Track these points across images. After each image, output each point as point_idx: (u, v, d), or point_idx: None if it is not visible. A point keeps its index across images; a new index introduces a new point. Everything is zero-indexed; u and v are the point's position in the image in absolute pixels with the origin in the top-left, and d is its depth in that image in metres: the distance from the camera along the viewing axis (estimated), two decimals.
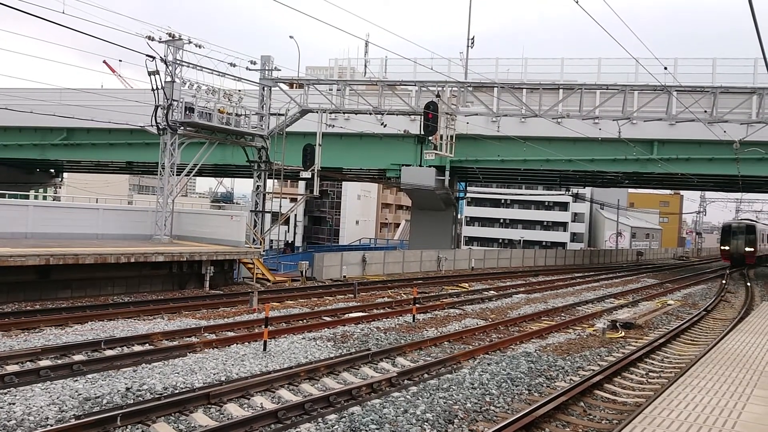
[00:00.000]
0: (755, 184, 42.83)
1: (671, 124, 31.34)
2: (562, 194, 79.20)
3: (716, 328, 19.30)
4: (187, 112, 24.59)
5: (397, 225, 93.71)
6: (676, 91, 26.14)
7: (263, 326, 13.65)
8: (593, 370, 12.84)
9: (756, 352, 12.26)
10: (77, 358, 11.87)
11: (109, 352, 12.47)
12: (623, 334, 17.40)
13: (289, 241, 68.27)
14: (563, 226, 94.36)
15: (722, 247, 60.18)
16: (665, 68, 24.06)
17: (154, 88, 23.91)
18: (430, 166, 36.21)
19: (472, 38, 37.74)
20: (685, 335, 17.80)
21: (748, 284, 35.34)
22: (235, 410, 9.33)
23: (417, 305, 18.78)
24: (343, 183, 77.07)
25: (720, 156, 33.76)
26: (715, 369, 10.58)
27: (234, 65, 25.87)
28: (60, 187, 64.20)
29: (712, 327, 19.70)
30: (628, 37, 18.44)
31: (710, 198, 77.95)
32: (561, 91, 28.62)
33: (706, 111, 25.73)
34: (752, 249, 57.46)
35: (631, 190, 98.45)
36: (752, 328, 15.41)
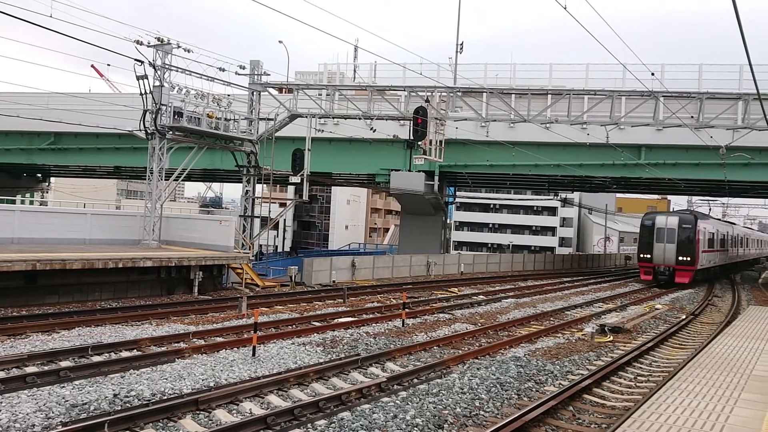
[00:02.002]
0: (741, 189, 43.23)
1: (658, 129, 31.59)
2: (551, 199, 79.61)
3: (704, 332, 19.43)
4: (176, 117, 24.50)
5: (387, 230, 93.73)
6: (663, 96, 26.36)
7: (252, 331, 13.60)
8: (582, 374, 12.88)
9: (743, 355, 12.36)
10: (64, 364, 11.76)
11: (96, 358, 12.37)
12: (612, 338, 17.48)
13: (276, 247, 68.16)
14: (552, 230, 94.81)
15: (641, 255, 36.94)
16: (652, 74, 24.27)
17: (143, 92, 23.83)
18: (419, 171, 36.27)
19: (461, 44, 37.88)
20: (673, 339, 17.91)
21: (735, 288, 35.61)
22: (224, 416, 9.28)
23: (406, 310, 18.77)
24: (333, 188, 77.02)
25: (706, 161, 34.05)
26: (703, 373, 10.65)
27: (223, 70, 25.84)
28: (47, 192, 63.80)
29: (700, 331, 19.83)
30: (615, 44, 18.62)
31: (697, 203, 78.48)
32: (549, 96, 28.79)
33: (692, 116, 25.96)
34: (688, 258, 34.85)
35: (619, 195, 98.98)
36: (739, 332, 15.52)
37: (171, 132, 24.83)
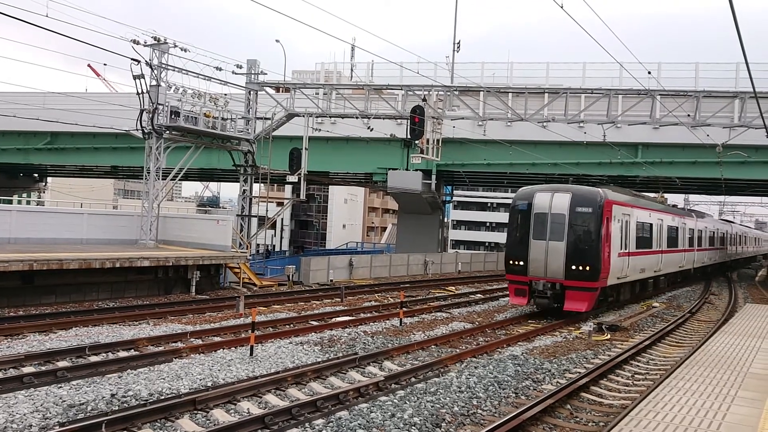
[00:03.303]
0: (738, 187, 43.29)
1: (655, 127, 31.60)
2: None
3: (701, 330, 19.46)
4: (173, 116, 24.47)
5: (384, 229, 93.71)
6: (659, 95, 26.38)
7: (250, 331, 13.60)
8: (579, 372, 12.89)
9: (740, 353, 12.38)
10: (61, 364, 11.74)
11: (93, 358, 12.35)
12: (609, 336, 17.49)
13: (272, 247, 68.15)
14: None
15: (509, 261, 20.80)
16: (649, 73, 24.27)
17: (140, 92, 23.77)
18: (416, 170, 36.26)
19: (458, 42, 37.90)
20: (671, 337, 17.93)
21: (732, 286, 35.68)
22: (221, 416, 9.27)
23: (404, 309, 18.77)
24: (330, 187, 76.98)
25: (703, 159, 34.09)
26: (700, 371, 10.67)
27: (220, 69, 25.80)
28: (44, 192, 63.63)
29: (697, 329, 19.86)
30: (613, 42, 18.65)
31: (694, 201, 78.54)
32: (546, 95, 28.80)
33: (689, 115, 25.97)
34: (586, 267, 19.37)
35: None
36: (736, 330, 15.56)
37: (168, 131, 24.79)
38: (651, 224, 25.36)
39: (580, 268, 19.21)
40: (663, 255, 27.30)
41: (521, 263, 20.04)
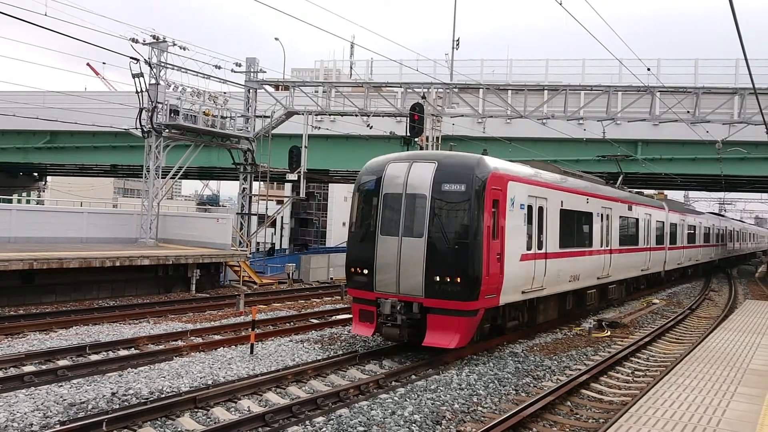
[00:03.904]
0: (738, 184, 43.29)
1: (655, 124, 31.58)
2: None
3: (701, 327, 19.48)
4: (172, 115, 24.47)
5: None
6: (659, 91, 26.36)
7: (250, 329, 13.61)
8: (580, 369, 12.90)
9: (740, 350, 12.40)
10: (62, 363, 11.76)
11: (94, 357, 12.37)
12: (609, 333, 17.51)
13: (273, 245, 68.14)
14: None
15: (351, 269, 13.89)
16: (648, 69, 24.27)
17: (139, 90, 23.77)
18: None
19: (457, 40, 37.84)
20: (670, 334, 17.95)
21: (732, 283, 35.69)
22: (222, 414, 9.29)
23: None
24: (330, 185, 76.97)
25: (703, 156, 34.05)
26: (700, 367, 10.68)
27: (219, 67, 25.80)
28: (44, 191, 63.62)
29: (697, 325, 19.88)
30: (612, 41, 18.65)
31: (694, 197, 78.55)
32: (546, 92, 28.79)
33: (688, 111, 25.96)
34: (456, 279, 12.32)
35: None
36: (736, 326, 15.58)
37: (167, 130, 24.79)
38: (590, 214, 18.91)
39: (447, 279, 12.32)
40: (612, 255, 20.68)
41: (365, 272, 13.25)
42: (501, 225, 13.24)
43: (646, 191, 35.85)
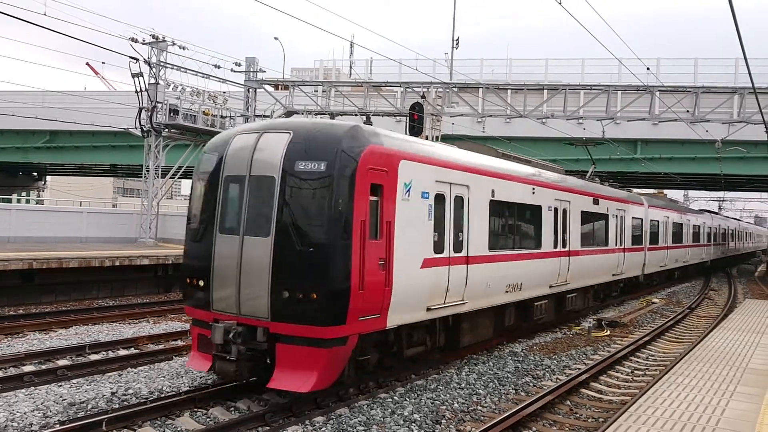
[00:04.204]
0: (737, 183, 43.31)
1: (654, 123, 31.60)
2: None
3: (700, 326, 19.49)
4: (172, 114, 24.49)
5: None
6: (658, 91, 26.37)
7: None
8: (579, 368, 12.91)
9: (739, 349, 12.41)
10: (62, 363, 11.76)
11: (94, 357, 12.37)
12: (609, 332, 17.51)
13: None
14: None
15: (186, 278, 9.95)
16: (648, 68, 24.29)
17: (138, 90, 23.78)
18: None
19: (457, 39, 37.92)
20: (670, 333, 17.96)
21: (731, 282, 35.70)
22: (221, 414, 9.28)
23: None
24: None
25: (702, 155, 34.08)
26: (699, 366, 10.69)
27: (219, 67, 25.82)
28: (43, 191, 63.61)
29: (696, 324, 19.88)
30: (612, 40, 18.68)
31: (693, 197, 78.58)
32: (546, 91, 28.80)
33: (688, 111, 25.96)
34: (312, 294, 8.75)
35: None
36: (735, 326, 15.59)
37: (167, 129, 24.81)
38: (537, 207, 15.44)
39: (300, 295, 8.87)
40: (571, 258, 17.39)
41: (201, 283, 9.68)
42: (387, 219, 9.65)
43: (646, 190, 35.82)
